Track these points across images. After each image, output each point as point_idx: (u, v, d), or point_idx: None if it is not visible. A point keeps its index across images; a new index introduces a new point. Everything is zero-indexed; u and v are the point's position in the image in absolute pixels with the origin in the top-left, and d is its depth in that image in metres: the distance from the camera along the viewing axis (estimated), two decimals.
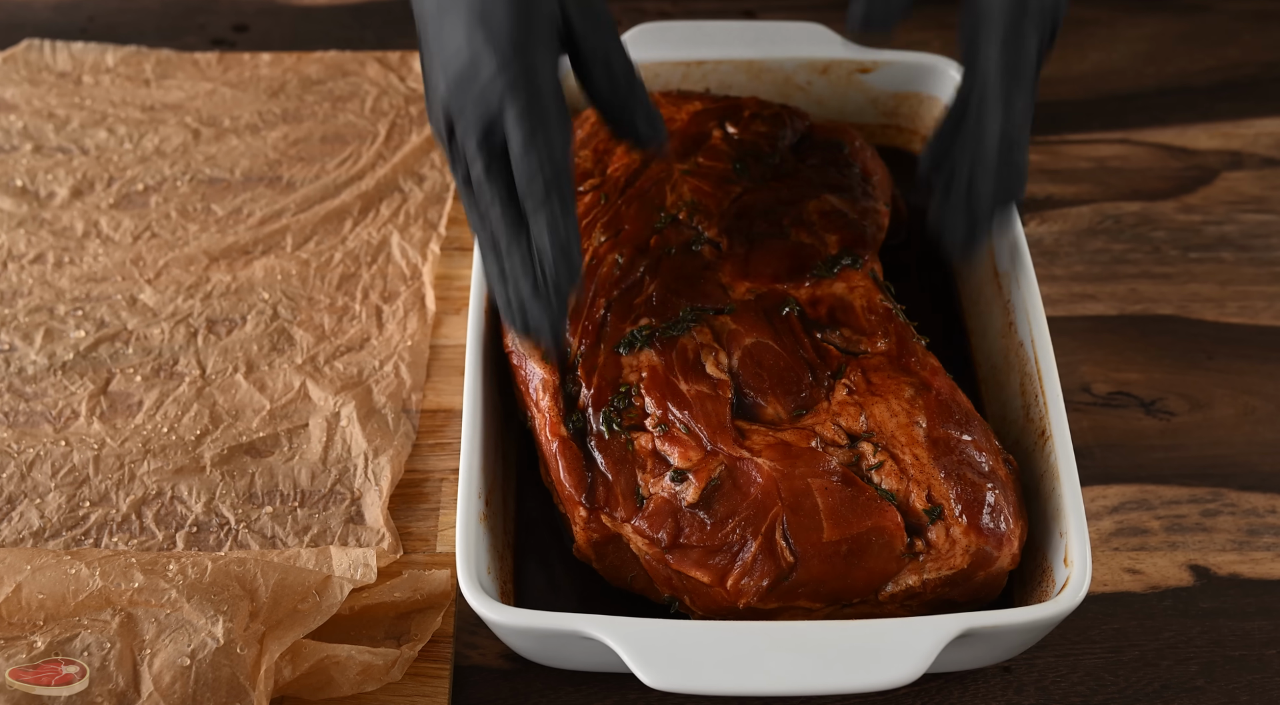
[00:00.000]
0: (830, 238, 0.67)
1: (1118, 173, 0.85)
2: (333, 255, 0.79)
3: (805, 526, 0.58)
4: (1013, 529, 0.59)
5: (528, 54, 0.56)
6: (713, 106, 0.72)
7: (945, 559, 0.58)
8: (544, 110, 0.56)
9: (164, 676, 0.56)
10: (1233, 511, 0.69)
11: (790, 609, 0.58)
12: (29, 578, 0.59)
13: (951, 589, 0.59)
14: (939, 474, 0.59)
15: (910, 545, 0.58)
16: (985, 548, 0.58)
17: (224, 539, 0.66)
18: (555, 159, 0.56)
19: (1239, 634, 0.65)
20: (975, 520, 0.58)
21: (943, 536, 0.58)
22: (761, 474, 0.58)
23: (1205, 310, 0.78)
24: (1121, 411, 0.73)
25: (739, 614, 0.58)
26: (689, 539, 0.58)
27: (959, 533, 0.58)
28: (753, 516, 0.58)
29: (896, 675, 0.54)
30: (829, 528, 0.58)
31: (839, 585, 0.58)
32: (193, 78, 0.89)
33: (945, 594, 0.59)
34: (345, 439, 0.70)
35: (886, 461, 0.59)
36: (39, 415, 0.71)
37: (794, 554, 0.57)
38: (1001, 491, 0.59)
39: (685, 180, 0.68)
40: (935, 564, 0.58)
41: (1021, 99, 0.60)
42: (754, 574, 0.57)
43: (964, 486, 0.58)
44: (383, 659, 0.60)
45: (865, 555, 0.57)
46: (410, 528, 0.67)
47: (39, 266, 0.78)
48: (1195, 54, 0.93)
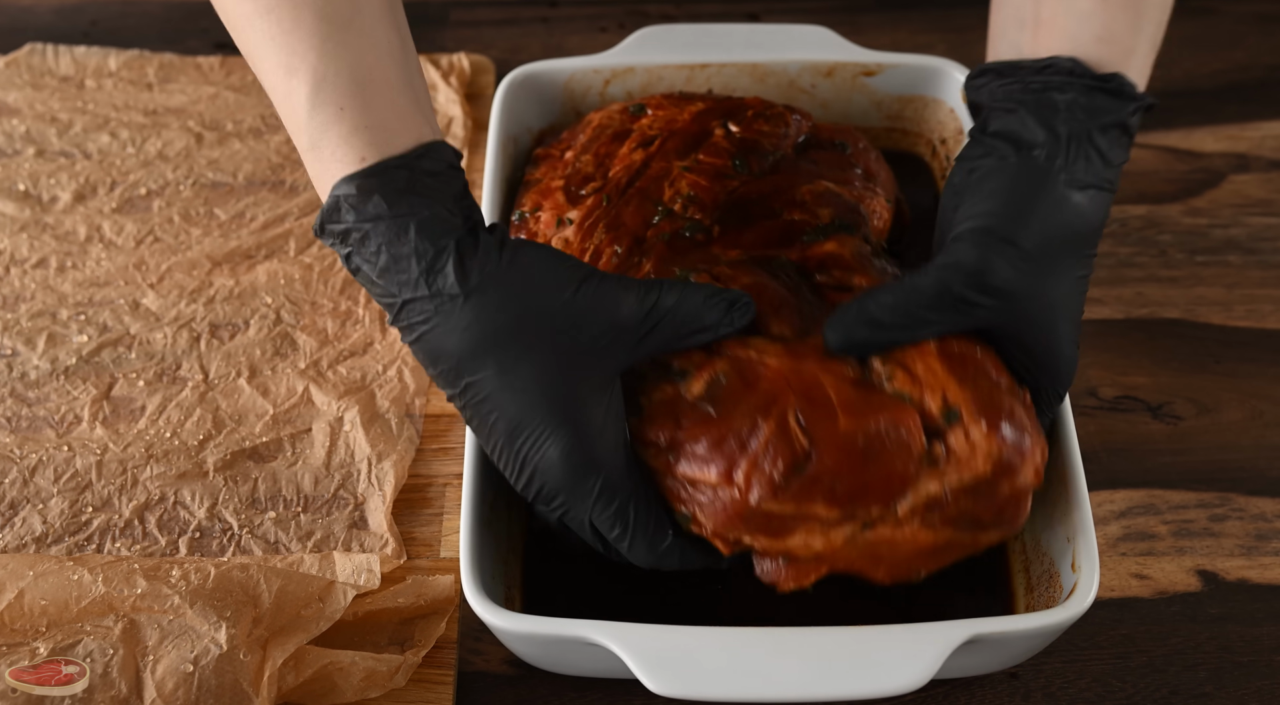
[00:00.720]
0: (823, 211, 0.65)
1: (1124, 176, 0.85)
2: (335, 259, 0.79)
3: (819, 415, 0.55)
4: (1034, 442, 0.56)
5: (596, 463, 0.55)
6: (715, 105, 0.72)
7: (966, 464, 0.55)
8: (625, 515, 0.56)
9: (167, 683, 0.56)
10: (1241, 516, 0.69)
11: (805, 520, 0.55)
12: (31, 584, 0.59)
13: (975, 503, 0.56)
14: (954, 381, 0.56)
15: (929, 449, 0.55)
16: (1006, 455, 0.55)
17: (227, 544, 0.66)
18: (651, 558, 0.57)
19: (1247, 640, 0.65)
20: (995, 424, 0.55)
21: (962, 441, 0.55)
22: (769, 370, 0.56)
23: (1212, 314, 0.78)
24: (1128, 415, 0.73)
25: (751, 523, 0.55)
26: (691, 434, 0.55)
27: (979, 436, 0.55)
28: (763, 405, 0.55)
29: (903, 681, 0.54)
30: (844, 417, 0.55)
31: (856, 483, 0.54)
32: (195, 82, 0.89)
33: (969, 510, 0.56)
34: (349, 444, 0.70)
35: (898, 372, 0.57)
36: (41, 420, 0.71)
37: (809, 439, 0.54)
38: (1020, 403, 0.57)
39: (684, 176, 0.67)
40: (956, 470, 0.55)
41: None
42: (766, 461, 0.54)
43: (981, 393, 0.56)
44: (386, 665, 0.59)
45: (882, 453, 0.55)
46: (414, 533, 0.67)
47: (41, 271, 0.78)
48: (1201, 57, 0.93)
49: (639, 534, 0.56)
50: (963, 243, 0.57)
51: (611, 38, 0.92)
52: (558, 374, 0.54)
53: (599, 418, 0.55)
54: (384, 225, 0.53)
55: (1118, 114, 0.58)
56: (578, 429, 0.54)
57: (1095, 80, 0.58)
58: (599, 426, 0.55)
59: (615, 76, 0.77)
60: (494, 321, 0.54)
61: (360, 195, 0.53)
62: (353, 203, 0.53)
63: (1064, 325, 0.58)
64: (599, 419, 0.55)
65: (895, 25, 0.94)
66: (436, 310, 0.54)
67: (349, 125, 0.54)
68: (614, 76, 0.77)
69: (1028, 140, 0.58)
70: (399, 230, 0.53)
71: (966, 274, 0.57)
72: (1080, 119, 0.58)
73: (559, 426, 0.54)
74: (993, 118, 0.60)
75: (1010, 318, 0.57)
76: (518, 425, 0.54)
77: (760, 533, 0.56)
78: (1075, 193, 0.58)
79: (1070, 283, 0.58)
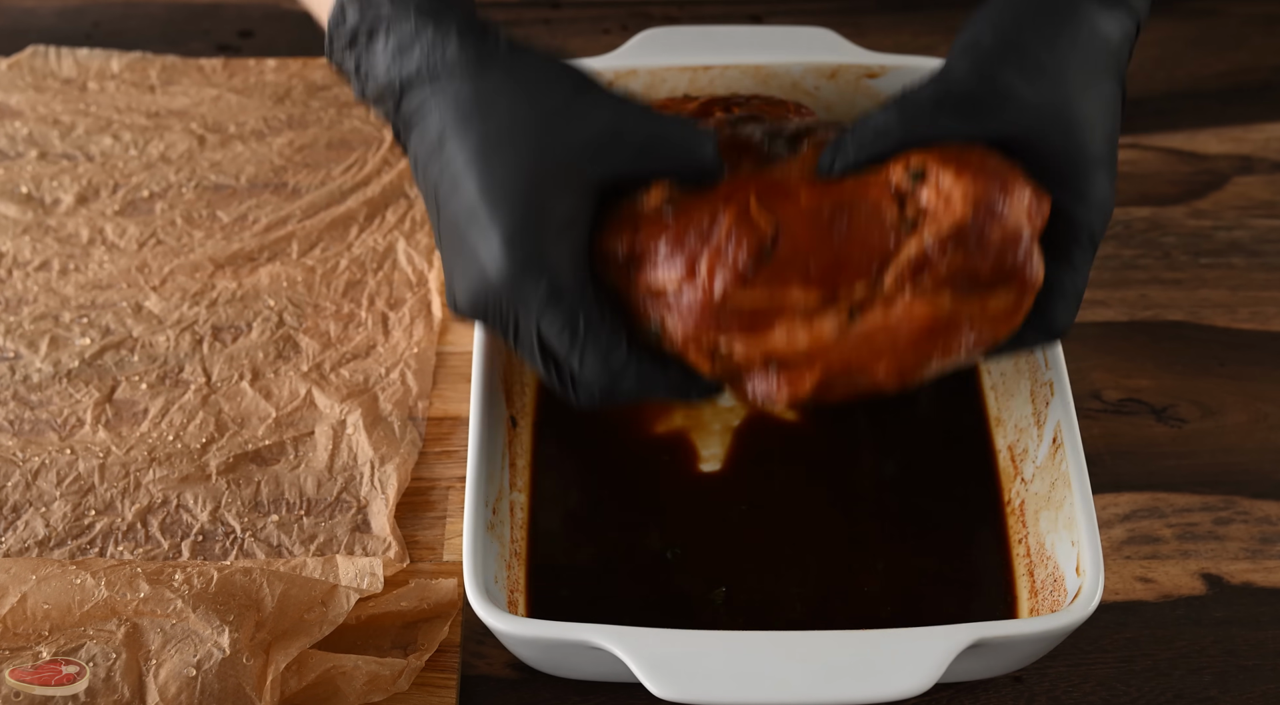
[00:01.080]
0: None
1: (1127, 178, 0.85)
2: (338, 262, 0.79)
3: (781, 198, 0.52)
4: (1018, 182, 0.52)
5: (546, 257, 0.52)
6: (719, 97, 0.72)
7: (944, 214, 0.51)
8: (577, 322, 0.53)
9: (170, 687, 0.56)
10: (1245, 519, 0.69)
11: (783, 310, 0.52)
12: (34, 588, 0.59)
13: (966, 257, 0.52)
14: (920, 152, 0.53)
15: (901, 212, 0.52)
16: (985, 193, 0.51)
17: (230, 548, 0.66)
18: (606, 375, 0.53)
19: (1252, 644, 0.64)
20: (965, 167, 0.52)
21: (933, 191, 0.52)
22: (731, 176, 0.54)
23: (1216, 316, 0.78)
24: (1132, 418, 0.73)
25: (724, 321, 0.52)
26: (650, 236, 0.53)
27: (949, 181, 0.51)
28: (724, 197, 0.52)
29: (907, 685, 0.53)
30: (806, 194, 0.52)
31: (829, 258, 0.51)
32: (198, 84, 0.89)
33: (962, 266, 0.52)
34: (351, 447, 0.70)
35: None
36: (44, 423, 0.71)
37: (772, 222, 0.51)
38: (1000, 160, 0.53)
39: None
40: (934, 223, 0.52)
41: None
42: (730, 248, 0.51)
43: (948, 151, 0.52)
44: (389, 669, 0.59)
45: (853, 222, 0.51)
46: (417, 536, 0.67)
47: (44, 274, 0.78)
48: (1205, 58, 0.92)
49: (590, 345, 0.53)
50: (964, 54, 0.55)
51: (614, 39, 0.92)
52: (531, 165, 0.53)
53: (559, 218, 0.53)
54: (386, 14, 0.54)
55: None
56: (532, 221, 0.52)
57: None
58: (557, 227, 0.53)
59: (618, 78, 0.77)
60: (488, 98, 0.53)
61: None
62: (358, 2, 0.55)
63: (1093, 144, 0.54)
64: (558, 219, 0.53)
65: (898, 27, 0.94)
66: (434, 92, 0.54)
67: None
68: (617, 78, 0.77)
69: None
70: (403, 14, 0.54)
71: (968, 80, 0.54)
72: None
73: (512, 213, 0.52)
74: None
75: (1021, 129, 0.54)
76: (473, 210, 0.53)
77: (736, 331, 0.52)
78: (1082, 9, 0.55)
79: (1095, 98, 0.54)
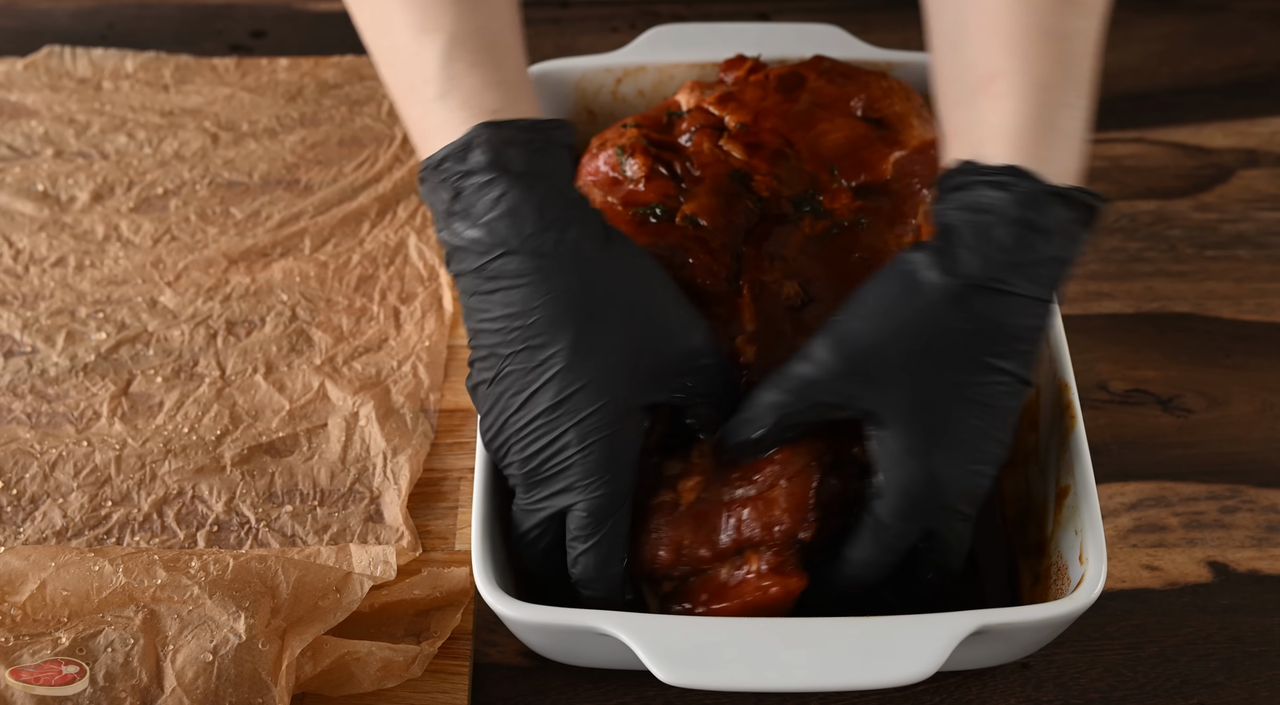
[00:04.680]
0: None
1: (1133, 171, 0.85)
2: (350, 257, 0.80)
3: None
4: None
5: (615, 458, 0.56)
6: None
7: None
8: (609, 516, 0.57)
9: (187, 672, 0.57)
10: (1251, 508, 0.69)
11: None
12: (53, 575, 0.60)
13: None
14: None
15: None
16: None
17: (244, 538, 0.67)
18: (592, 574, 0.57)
19: (1258, 630, 0.65)
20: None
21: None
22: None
23: (1222, 308, 0.78)
24: (1139, 409, 0.73)
25: None
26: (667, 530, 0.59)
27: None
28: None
29: (911, 672, 0.54)
30: None
31: None
32: (211, 83, 0.90)
33: None
34: (364, 438, 0.71)
35: None
36: (61, 416, 0.72)
37: None
38: None
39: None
40: None
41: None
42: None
43: None
44: (403, 655, 0.60)
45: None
46: (429, 526, 0.68)
47: (60, 270, 0.79)
48: (1210, 53, 0.93)
49: (602, 550, 0.57)
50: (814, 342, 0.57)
51: (622, 37, 0.93)
52: (625, 368, 0.56)
53: (633, 425, 0.56)
54: (514, 177, 0.55)
55: (1008, 209, 0.54)
56: (620, 421, 0.55)
57: (984, 177, 0.55)
58: (630, 432, 0.56)
59: (627, 75, 0.78)
60: (593, 296, 0.55)
61: (500, 142, 0.55)
62: (492, 146, 0.55)
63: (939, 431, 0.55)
64: (633, 427, 0.56)
65: (905, 24, 0.95)
66: (538, 268, 0.55)
67: (481, 79, 0.57)
68: (625, 75, 0.78)
69: (919, 243, 0.57)
70: (530, 185, 0.55)
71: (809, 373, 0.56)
72: (967, 219, 0.55)
73: (606, 409, 0.55)
74: None
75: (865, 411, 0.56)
76: (568, 397, 0.55)
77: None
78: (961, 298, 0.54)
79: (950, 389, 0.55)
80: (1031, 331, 0.56)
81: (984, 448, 0.56)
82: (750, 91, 0.70)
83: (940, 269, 0.55)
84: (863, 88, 0.71)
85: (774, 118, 0.68)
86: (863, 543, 0.57)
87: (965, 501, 0.57)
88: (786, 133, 0.68)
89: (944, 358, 0.55)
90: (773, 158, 0.67)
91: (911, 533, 0.57)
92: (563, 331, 0.55)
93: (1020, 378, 0.56)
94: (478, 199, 0.55)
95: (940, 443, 0.55)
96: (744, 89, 0.71)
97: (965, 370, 0.55)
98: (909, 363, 0.55)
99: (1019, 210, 0.54)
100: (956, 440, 0.55)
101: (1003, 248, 0.54)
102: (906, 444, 0.55)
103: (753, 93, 0.70)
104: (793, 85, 0.70)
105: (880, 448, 0.56)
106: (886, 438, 0.56)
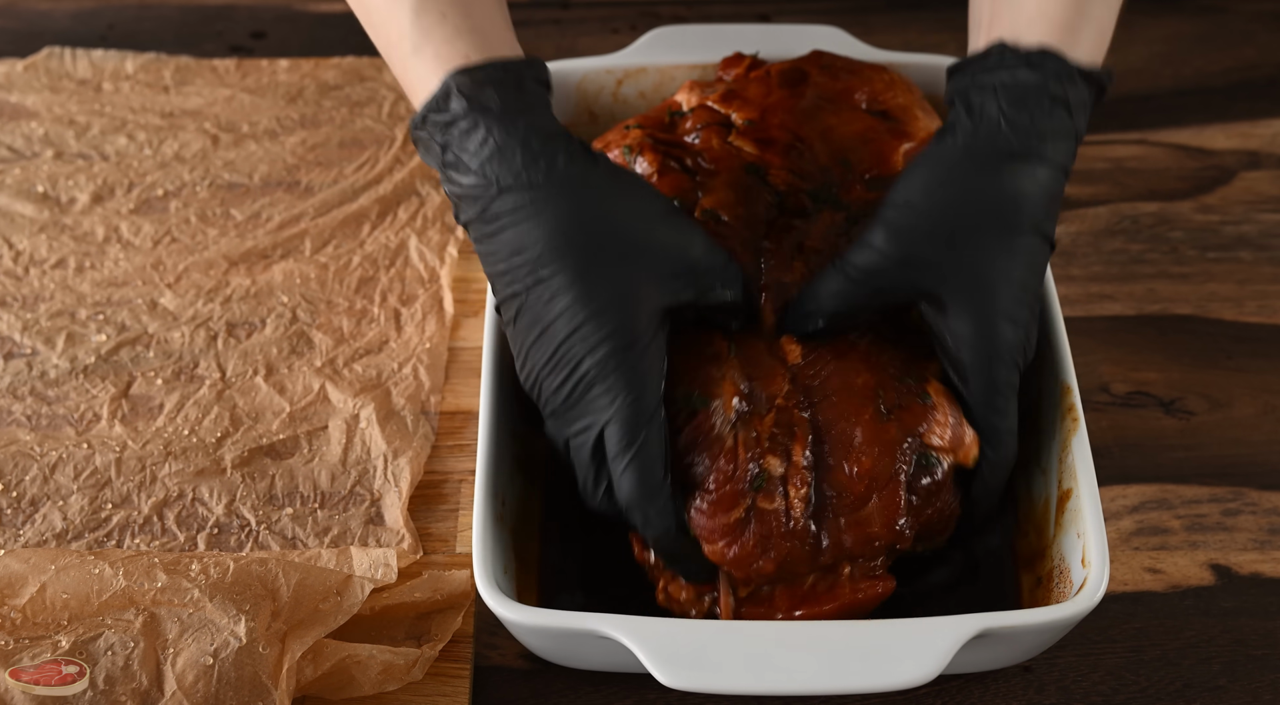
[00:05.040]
0: None
1: (1135, 173, 0.85)
2: (351, 259, 0.79)
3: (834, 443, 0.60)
4: None
5: (637, 360, 0.57)
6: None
7: None
8: (642, 427, 0.57)
9: (187, 675, 0.57)
10: (1254, 511, 0.69)
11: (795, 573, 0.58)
12: (53, 578, 0.60)
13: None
14: None
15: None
16: None
17: (245, 540, 0.67)
18: (638, 493, 0.57)
19: (1261, 633, 0.65)
20: None
21: None
22: None
23: (1224, 310, 0.78)
24: (1140, 411, 0.73)
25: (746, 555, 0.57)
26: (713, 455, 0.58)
27: None
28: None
29: (913, 675, 0.54)
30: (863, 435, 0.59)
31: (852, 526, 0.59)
32: (211, 84, 0.90)
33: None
34: (365, 441, 0.70)
35: None
36: (61, 418, 0.72)
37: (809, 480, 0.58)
38: None
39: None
40: None
41: None
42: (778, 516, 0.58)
43: None
44: (404, 658, 0.60)
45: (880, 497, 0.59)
46: (430, 528, 0.68)
47: (60, 271, 0.79)
48: (1212, 55, 0.93)
49: (640, 460, 0.57)
50: (869, 231, 0.60)
51: (623, 39, 0.93)
52: (629, 285, 0.57)
53: (648, 339, 0.57)
54: (494, 117, 0.57)
55: (1044, 85, 0.59)
56: (633, 337, 0.57)
57: (1020, 58, 0.59)
58: (646, 345, 0.57)
59: (628, 77, 0.78)
60: (588, 219, 0.57)
61: (474, 86, 0.57)
62: (466, 92, 0.57)
63: (1001, 299, 0.59)
64: (648, 340, 0.57)
65: (905, 25, 0.95)
66: (532, 201, 0.56)
67: (452, 28, 0.58)
68: (626, 77, 0.78)
69: (950, 125, 0.60)
70: (511, 122, 0.57)
71: (869, 261, 0.60)
72: (1001, 96, 0.59)
73: (617, 329, 0.56)
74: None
75: (937, 292, 0.59)
76: (579, 325, 0.56)
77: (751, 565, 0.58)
78: (995, 169, 0.59)
79: (1006, 256, 0.59)
80: (1057, 198, 0.60)
81: (1031, 309, 0.60)
82: (753, 88, 0.70)
83: (982, 146, 0.59)
84: (865, 82, 0.71)
85: (781, 113, 0.68)
86: None
87: (1019, 368, 0.60)
88: (795, 127, 0.68)
89: (992, 230, 0.59)
90: (785, 151, 0.67)
91: (1002, 404, 0.60)
92: (566, 259, 0.56)
93: (1051, 241, 0.60)
94: (465, 145, 0.57)
95: (999, 312, 0.59)
96: (746, 86, 0.71)
97: (1011, 240, 0.59)
98: (960, 239, 0.59)
99: (1054, 88, 0.59)
100: (1011, 308, 0.59)
101: (1037, 122, 0.59)
102: (973, 322, 0.59)
103: (756, 89, 0.70)
104: (796, 80, 0.70)
105: (945, 327, 0.59)
106: (952, 318, 0.59)
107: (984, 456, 0.60)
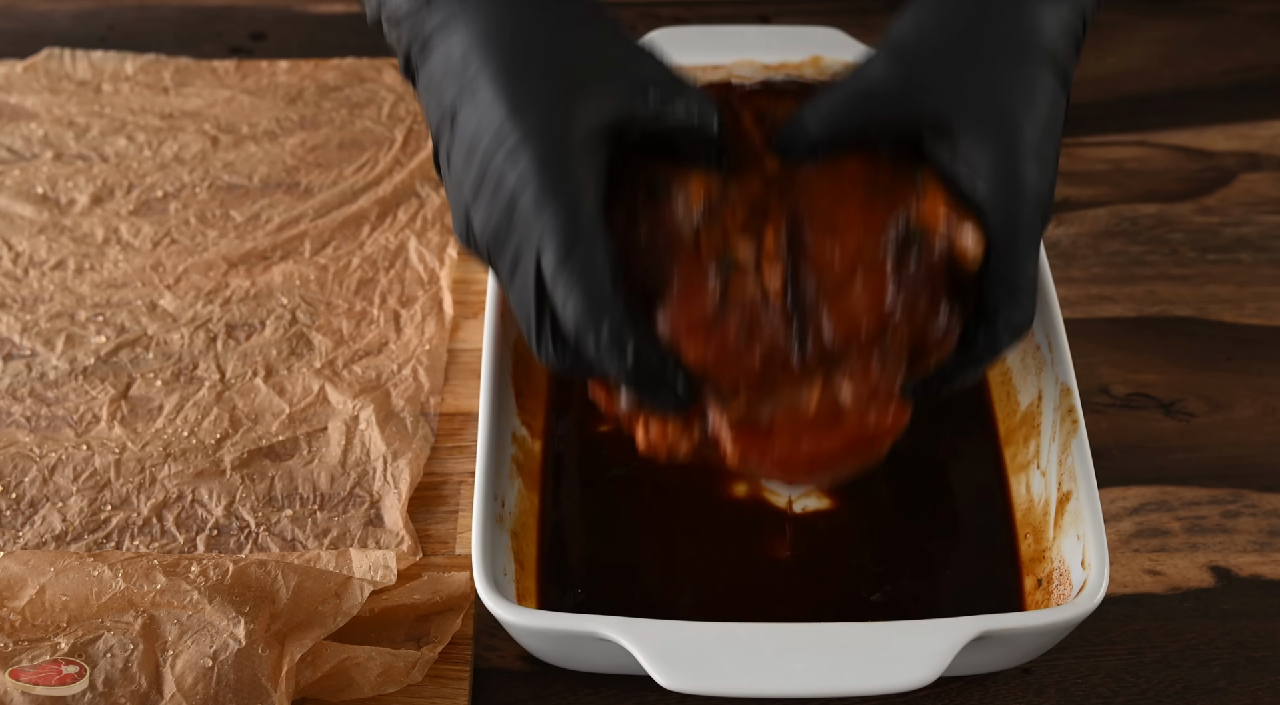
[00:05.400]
0: None
1: (1135, 175, 0.85)
2: (351, 260, 0.79)
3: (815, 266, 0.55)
4: None
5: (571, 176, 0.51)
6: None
7: None
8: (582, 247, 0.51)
9: (186, 677, 0.57)
10: (1254, 513, 0.69)
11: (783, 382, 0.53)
12: (52, 580, 0.60)
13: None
14: None
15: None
16: None
17: (244, 542, 0.67)
18: (588, 315, 0.51)
19: (1261, 635, 0.65)
20: None
21: None
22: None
23: (1224, 311, 0.78)
24: (1140, 413, 0.73)
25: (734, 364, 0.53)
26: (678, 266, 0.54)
27: None
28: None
29: (913, 677, 0.54)
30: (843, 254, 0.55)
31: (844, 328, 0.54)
32: (211, 85, 0.90)
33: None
34: (364, 442, 0.70)
35: None
36: (60, 420, 0.72)
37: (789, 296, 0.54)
38: None
39: None
40: None
41: None
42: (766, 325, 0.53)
43: None
44: (403, 660, 0.60)
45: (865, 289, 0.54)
46: (429, 530, 0.68)
47: (60, 273, 0.79)
48: (1212, 56, 0.93)
49: (584, 276, 0.50)
50: (891, 48, 0.56)
51: None
52: (560, 91, 0.52)
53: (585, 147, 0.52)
54: None
55: None
56: (563, 147, 0.51)
57: None
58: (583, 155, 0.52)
59: None
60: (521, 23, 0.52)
61: None
62: None
63: (1021, 131, 0.54)
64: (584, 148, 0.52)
65: None
66: (463, 11, 0.52)
67: None
68: None
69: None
70: None
71: (891, 74, 0.56)
72: None
73: (544, 135, 0.51)
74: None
75: (947, 120, 0.55)
76: (500, 130, 0.51)
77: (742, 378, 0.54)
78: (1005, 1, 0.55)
79: (1022, 88, 0.54)
80: (1078, 40, 0.57)
81: (1052, 148, 0.55)
82: None
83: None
84: None
85: None
86: None
87: (1043, 212, 0.55)
88: None
89: (1013, 54, 0.55)
90: None
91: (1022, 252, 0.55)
92: (491, 62, 0.52)
93: (1068, 88, 0.56)
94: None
95: (1023, 143, 0.54)
96: None
97: (1034, 69, 0.55)
98: (977, 60, 0.55)
99: None
100: (1037, 142, 0.54)
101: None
102: (993, 151, 0.54)
103: None
104: None
105: (957, 158, 0.55)
106: (966, 146, 0.54)
107: (999, 312, 0.55)
